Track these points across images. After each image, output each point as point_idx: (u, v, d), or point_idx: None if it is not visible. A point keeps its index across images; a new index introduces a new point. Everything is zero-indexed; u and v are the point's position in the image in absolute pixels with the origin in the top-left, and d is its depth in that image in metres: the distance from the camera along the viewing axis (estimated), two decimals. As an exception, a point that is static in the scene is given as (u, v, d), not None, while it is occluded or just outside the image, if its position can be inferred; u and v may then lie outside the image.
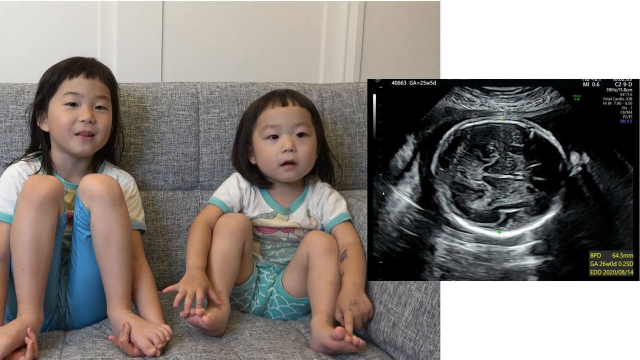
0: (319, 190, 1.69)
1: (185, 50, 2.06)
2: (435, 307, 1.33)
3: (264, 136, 1.61)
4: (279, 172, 1.61)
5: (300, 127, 1.60)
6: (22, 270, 1.36)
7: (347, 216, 1.65)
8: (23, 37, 1.92)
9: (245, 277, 1.60)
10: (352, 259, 1.53)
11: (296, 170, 1.61)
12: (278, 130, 1.60)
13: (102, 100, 1.52)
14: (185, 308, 1.38)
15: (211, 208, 1.62)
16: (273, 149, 1.59)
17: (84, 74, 1.50)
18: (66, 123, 1.48)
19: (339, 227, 1.63)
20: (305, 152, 1.60)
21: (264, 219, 1.63)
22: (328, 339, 1.38)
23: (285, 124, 1.59)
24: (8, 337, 1.27)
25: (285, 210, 1.65)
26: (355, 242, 1.59)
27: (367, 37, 2.23)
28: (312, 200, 1.67)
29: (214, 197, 1.64)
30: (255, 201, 1.64)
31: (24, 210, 1.36)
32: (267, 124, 1.60)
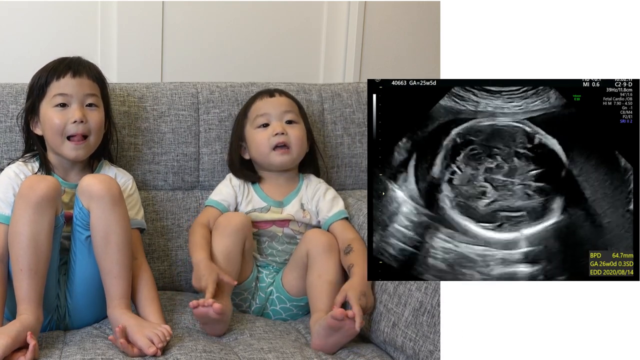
0: (314, 185, 1.70)
1: (185, 50, 2.06)
2: (435, 307, 1.33)
3: (255, 126, 1.65)
4: (272, 156, 1.63)
5: (289, 114, 1.65)
6: (20, 271, 1.36)
7: (345, 214, 1.66)
8: (23, 37, 1.92)
9: (245, 276, 1.60)
10: (358, 252, 1.53)
11: (290, 155, 1.64)
12: (268, 118, 1.64)
13: (92, 97, 1.52)
14: (194, 302, 1.40)
15: (208, 210, 1.64)
16: (265, 134, 1.63)
17: (70, 74, 1.50)
18: (58, 125, 1.48)
19: (338, 224, 1.63)
20: (296, 135, 1.64)
21: (257, 213, 1.64)
22: (329, 318, 1.38)
23: (274, 111, 1.65)
24: (8, 338, 1.26)
25: (279, 204, 1.66)
26: (357, 237, 1.59)
27: (367, 37, 2.23)
28: (306, 195, 1.68)
29: (209, 199, 1.67)
30: (249, 197, 1.66)
31: (22, 210, 1.36)
32: (257, 114, 1.65)
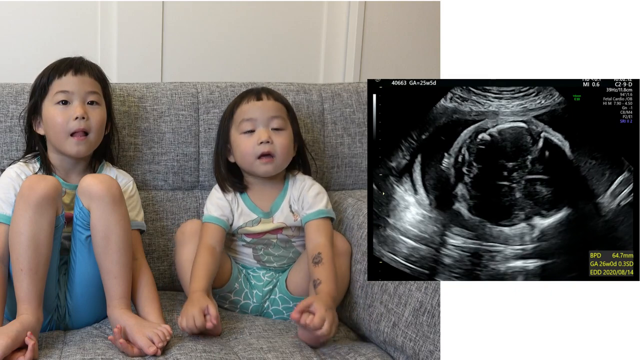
0: (300, 183, 1.66)
1: (185, 50, 2.06)
2: (435, 307, 1.33)
3: (240, 131, 1.61)
4: (256, 165, 1.60)
5: (276, 120, 1.60)
6: (20, 271, 1.36)
7: (325, 213, 1.60)
8: (23, 37, 1.92)
9: (225, 278, 1.60)
10: (326, 265, 1.50)
11: (274, 164, 1.60)
12: (254, 124, 1.60)
13: (93, 95, 1.52)
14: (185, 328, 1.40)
15: (210, 227, 1.59)
16: (250, 142, 1.59)
17: (72, 72, 1.51)
18: (61, 123, 1.49)
19: (314, 223, 1.59)
20: (281, 143, 1.60)
21: (249, 227, 1.62)
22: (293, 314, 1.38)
23: (260, 117, 1.60)
24: (8, 338, 1.27)
25: (267, 214, 1.63)
26: (328, 243, 1.55)
27: (367, 37, 2.23)
28: (292, 195, 1.65)
29: (209, 215, 1.61)
30: (239, 210, 1.62)
31: (22, 210, 1.36)
32: (243, 118, 1.61)
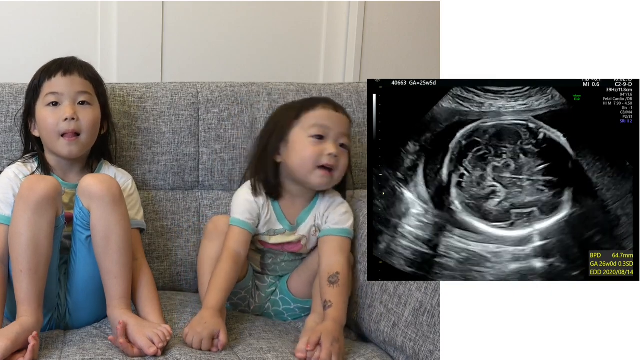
0: (329, 198, 1.61)
1: (185, 50, 2.06)
2: (435, 307, 1.33)
3: (309, 134, 1.53)
4: (314, 174, 1.53)
5: (344, 139, 1.55)
6: (20, 272, 1.36)
7: (349, 233, 1.57)
8: (23, 37, 1.92)
9: (242, 274, 1.58)
10: (340, 289, 1.47)
11: (332, 178, 1.54)
12: (326, 132, 1.53)
13: (84, 95, 1.52)
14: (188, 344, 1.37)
15: (237, 231, 1.54)
16: (316, 149, 1.52)
17: (61, 72, 1.51)
18: (51, 124, 1.49)
19: (336, 239, 1.55)
20: (344, 164, 1.55)
21: (267, 237, 1.58)
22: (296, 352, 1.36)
23: (334, 128, 1.53)
24: (7, 340, 1.26)
25: (292, 227, 1.59)
26: (346, 264, 1.52)
27: (367, 37, 2.23)
28: (319, 210, 1.60)
29: (236, 218, 1.55)
30: (267, 216, 1.58)
31: (22, 211, 1.36)
32: (316, 123, 1.53)
